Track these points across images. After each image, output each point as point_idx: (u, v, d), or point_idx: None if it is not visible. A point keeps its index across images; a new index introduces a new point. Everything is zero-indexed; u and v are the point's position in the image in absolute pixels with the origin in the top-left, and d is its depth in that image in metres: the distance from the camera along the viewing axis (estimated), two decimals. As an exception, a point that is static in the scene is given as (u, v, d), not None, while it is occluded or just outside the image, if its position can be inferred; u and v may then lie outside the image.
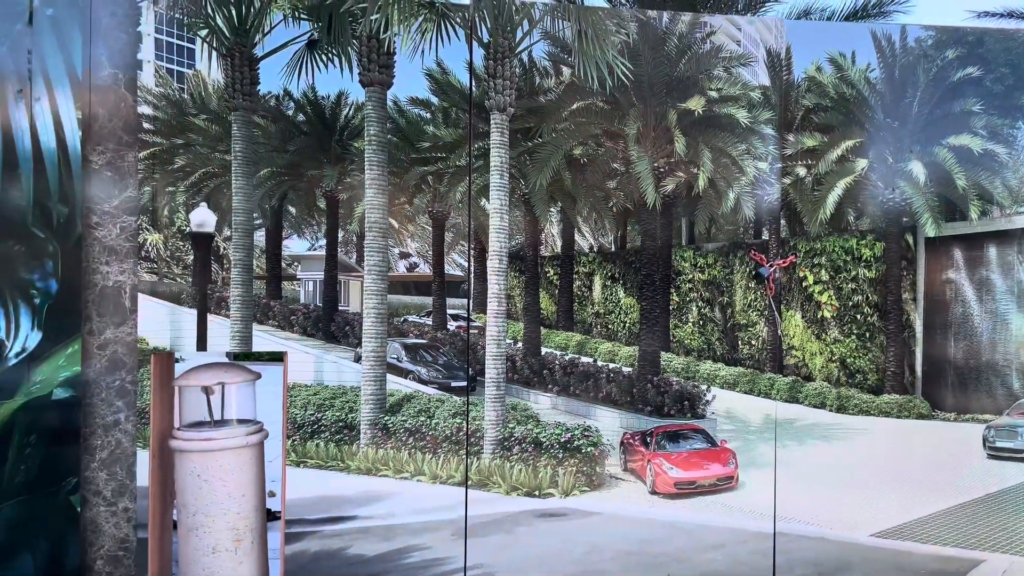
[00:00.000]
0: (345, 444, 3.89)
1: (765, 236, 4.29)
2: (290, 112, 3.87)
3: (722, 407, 4.26)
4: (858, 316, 4.34)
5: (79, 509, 3.65)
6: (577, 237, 4.25)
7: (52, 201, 3.56)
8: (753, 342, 4.28)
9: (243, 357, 3.91)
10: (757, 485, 4.23)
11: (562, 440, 4.03)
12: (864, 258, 4.33)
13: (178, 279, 3.86)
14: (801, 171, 4.30)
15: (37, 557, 3.61)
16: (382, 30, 3.86)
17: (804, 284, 4.32)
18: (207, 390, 3.85)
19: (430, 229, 4.09)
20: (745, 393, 4.29)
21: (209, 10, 3.80)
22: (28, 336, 3.57)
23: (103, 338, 3.69)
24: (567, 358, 4.16)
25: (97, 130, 3.66)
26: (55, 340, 3.58)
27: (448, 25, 3.94)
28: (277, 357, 3.94)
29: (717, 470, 4.20)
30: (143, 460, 3.73)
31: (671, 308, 4.21)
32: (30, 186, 3.55)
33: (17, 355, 3.55)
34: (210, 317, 3.83)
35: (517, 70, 4.02)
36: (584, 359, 4.19)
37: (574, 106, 4.09)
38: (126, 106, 3.68)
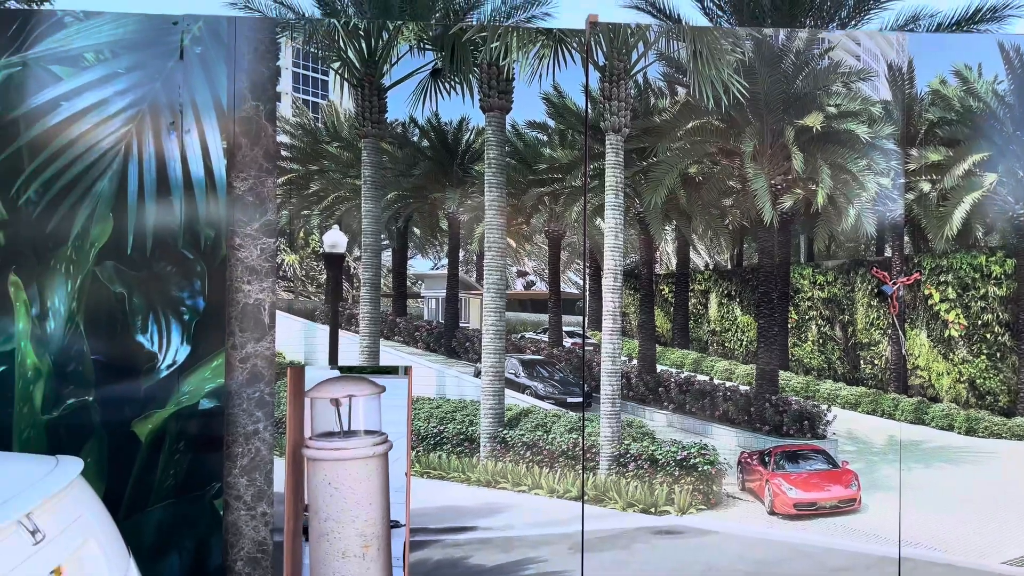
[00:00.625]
0: (466, 456, 4.01)
1: (888, 253, 4.19)
2: (415, 138, 4.04)
3: (843, 427, 4.17)
4: (988, 335, 4.18)
5: (221, 513, 3.89)
6: (692, 255, 4.26)
7: (200, 225, 3.85)
8: (876, 361, 4.17)
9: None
10: (881, 508, 4.12)
11: (678, 458, 4.03)
12: (994, 275, 4.17)
13: (312, 297, 4.08)
14: (925, 186, 4.18)
15: (183, 557, 3.87)
16: (501, 57, 4.00)
17: (930, 302, 4.19)
18: (336, 402, 4.07)
19: (547, 248, 4.18)
20: (868, 414, 4.18)
21: (341, 44, 4.03)
22: (178, 350, 3.86)
23: (244, 352, 3.94)
24: (683, 376, 4.17)
25: (240, 158, 3.93)
26: (202, 354, 3.86)
27: (564, 50, 4.05)
28: (390, 370, 4.11)
29: (839, 492, 4.11)
30: (279, 467, 3.96)
31: (789, 326, 4.16)
32: (181, 211, 3.85)
33: (168, 367, 3.84)
34: (341, 333, 4.03)
35: (632, 91, 4.08)
36: (700, 377, 4.19)
37: (689, 125, 4.12)
38: (266, 136, 3.94)
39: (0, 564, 2.17)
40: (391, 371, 4.09)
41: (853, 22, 16.39)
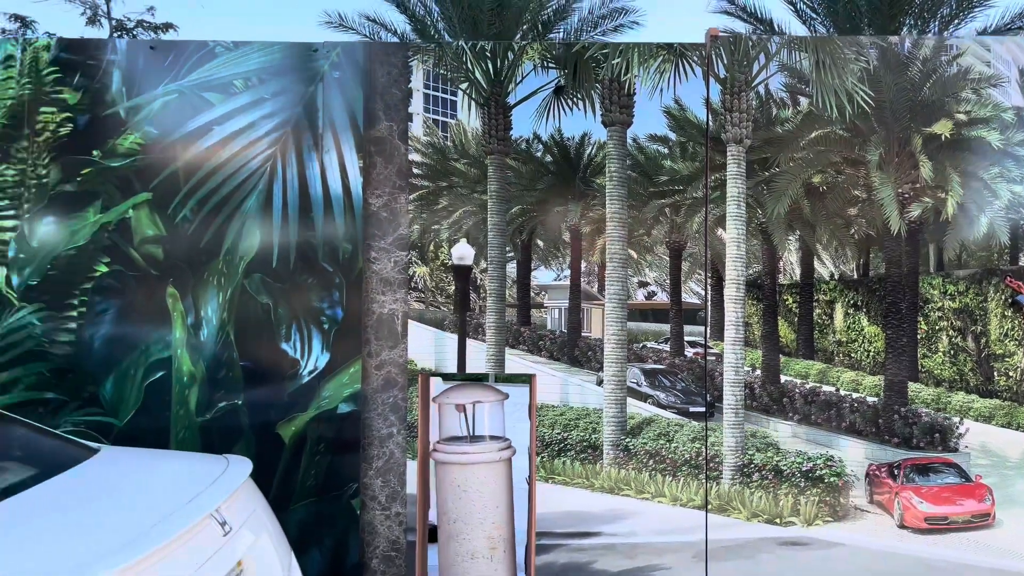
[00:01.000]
0: (589, 463, 4.10)
1: (1023, 262, 4.07)
2: (539, 154, 4.17)
3: (976, 441, 4.07)
4: None
5: (358, 512, 4.10)
6: (817, 264, 4.24)
7: (338, 239, 4.08)
8: (1011, 373, 4.06)
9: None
10: (1017, 524, 4.00)
11: (804, 469, 4.02)
12: None
13: (441, 307, 4.26)
14: (1062, 193, 4.06)
15: (323, 553, 4.09)
16: (623, 73, 4.09)
17: (1069, 312, 4.05)
18: (461, 408, 4.22)
19: (667, 259, 4.24)
20: (1002, 427, 4.07)
21: (469, 65, 4.20)
22: (318, 357, 4.09)
23: (379, 359, 4.14)
24: (808, 386, 4.15)
25: (375, 176, 4.15)
26: (340, 360, 4.08)
27: (685, 64, 4.12)
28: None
29: (972, 506, 4.01)
30: (412, 470, 4.14)
31: (919, 337, 4.09)
32: (321, 226, 4.08)
33: (310, 373, 4.08)
34: (468, 341, 4.19)
35: (753, 103, 4.11)
36: (825, 388, 4.16)
37: (812, 135, 4.11)
38: (399, 155, 4.15)
39: (198, 554, 2.38)
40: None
41: (956, 21, 15.79)
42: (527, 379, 4.17)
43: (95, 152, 4.06)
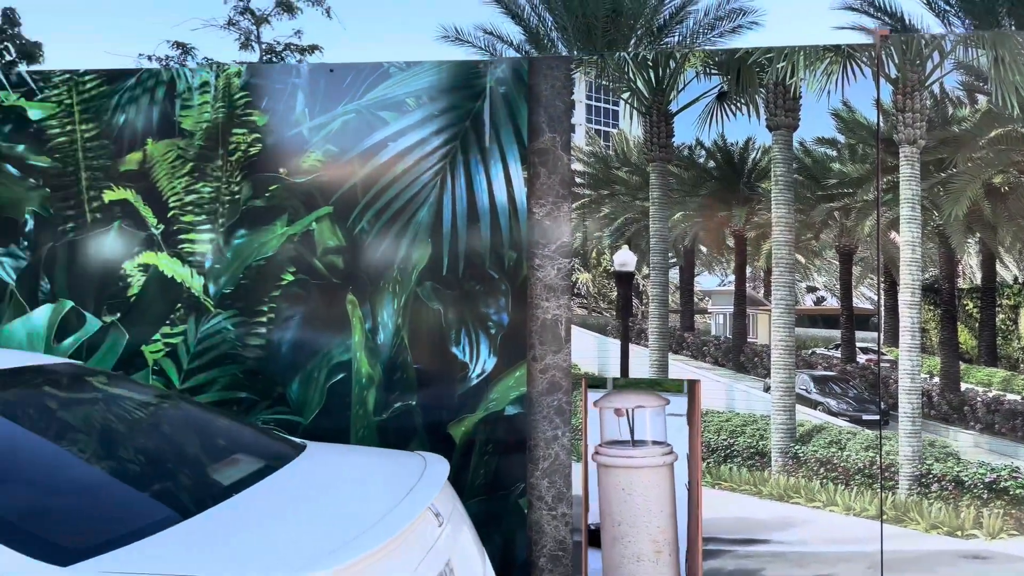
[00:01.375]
0: (757, 470, 4.08)
1: None
2: (701, 160, 4.20)
3: None
4: None
5: (525, 512, 4.23)
6: (999, 268, 4.08)
7: (504, 248, 4.23)
8: None
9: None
10: None
11: (987, 480, 3.86)
12: None
13: (604, 313, 4.34)
14: None
15: (492, 551, 4.23)
16: (788, 76, 4.07)
17: None
18: (621, 412, 4.29)
19: (837, 263, 4.17)
20: None
21: (630, 75, 4.28)
22: (486, 361, 4.25)
23: (544, 363, 4.26)
24: (990, 395, 3.99)
25: (538, 186, 4.28)
26: (506, 364, 4.23)
27: (853, 65, 4.05)
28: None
29: None
30: (576, 472, 4.23)
31: (1117, 344, 3.86)
32: (487, 236, 4.25)
33: (478, 376, 4.25)
34: (631, 347, 4.25)
35: (927, 102, 4.00)
36: (1010, 396, 3.98)
37: (992, 134, 3.96)
38: (562, 165, 4.26)
39: (422, 543, 2.55)
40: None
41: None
42: (680, 386, 4.20)
43: (281, 169, 4.37)
